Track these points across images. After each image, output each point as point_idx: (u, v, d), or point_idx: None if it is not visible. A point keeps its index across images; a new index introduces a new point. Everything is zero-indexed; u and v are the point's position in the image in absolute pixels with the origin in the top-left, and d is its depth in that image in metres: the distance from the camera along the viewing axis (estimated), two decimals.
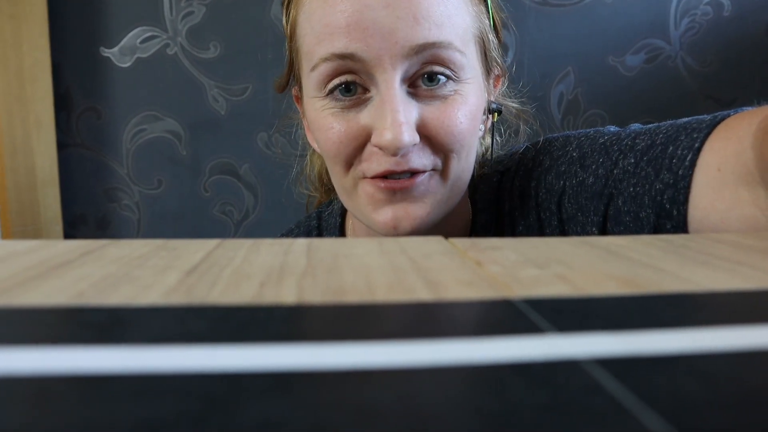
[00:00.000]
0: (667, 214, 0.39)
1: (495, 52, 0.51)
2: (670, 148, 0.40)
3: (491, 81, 0.51)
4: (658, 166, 0.40)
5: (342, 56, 0.41)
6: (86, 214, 1.64)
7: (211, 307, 0.14)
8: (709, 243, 0.24)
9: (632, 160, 0.42)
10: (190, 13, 1.56)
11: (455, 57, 0.43)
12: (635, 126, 0.47)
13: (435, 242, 0.22)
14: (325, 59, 0.42)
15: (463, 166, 0.46)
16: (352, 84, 0.42)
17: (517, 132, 0.58)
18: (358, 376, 0.10)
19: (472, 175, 0.54)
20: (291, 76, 0.52)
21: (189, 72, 1.58)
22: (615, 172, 0.43)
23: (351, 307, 0.14)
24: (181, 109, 1.59)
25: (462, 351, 0.11)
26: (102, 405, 0.09)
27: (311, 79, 0.44)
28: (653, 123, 0.47)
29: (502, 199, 0.52)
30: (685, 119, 0.42)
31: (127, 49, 1.57)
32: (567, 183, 0.46)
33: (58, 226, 1.59)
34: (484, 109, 0.49)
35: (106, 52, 1.59)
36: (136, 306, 0.14)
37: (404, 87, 0.42)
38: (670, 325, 0.13)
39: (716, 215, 0.36)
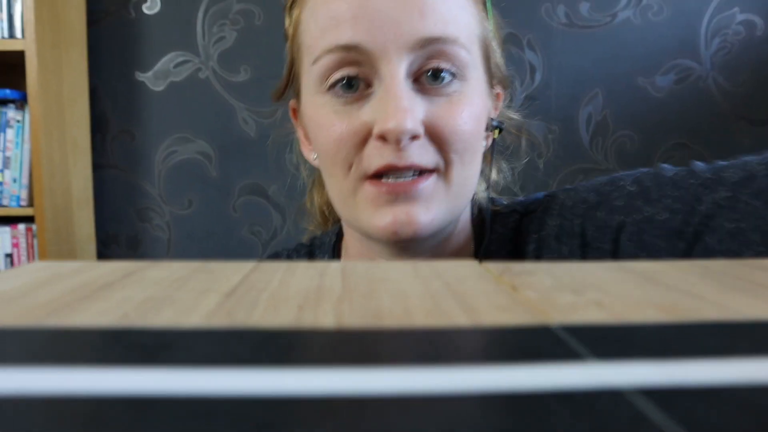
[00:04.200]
0: None
1: (499, 61, 0.49)
2: None
3: (493, 95, 0.49)
4: None
5: (346, 47, 0.41)
6: (118, 234, 1.68)
7: (253, 330, 0.15)
8: (748, 270, 0.24)
9: (727, 194, 0.38)
10: (222, 38, 1.61)
11: (461, 54, 0.42)
12: (699, 164, 0.43)
13: (469, 266, 0.22)
14: (329, 50, 0.41)
15: (467, 172, 0.44)
16: (354, 79, 0.41)
17: (517, 152, 0.55)
18: (402, 402, 0.10)
19: (478, 208, 0.51)
20: (289, 84, 0.51)
21: (220, 95, 1.62)
22: (701, 208, 0.39)
23: (390, 332, 0.14)
24: (212, 131, 1.63)
25: (504, 378, 0.11)
26: (152, 427, 0.10)
27: (312, 74, 0.43)
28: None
29: (523, 240, 0.48)
30: None
31: (161, 74, 1.62)
32: (628, 219, 0.42)
33: (92, 245, 1.63)
34: (486, 124, 0.47)
35: (141, 77, 1.64)
36: (180, 328, 0.15)
37: (409, 81, 0.41)
38: (713, 354, 0.13)
39: None
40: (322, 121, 0.43)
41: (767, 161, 0.38)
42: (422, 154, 0.41)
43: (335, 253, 0.54)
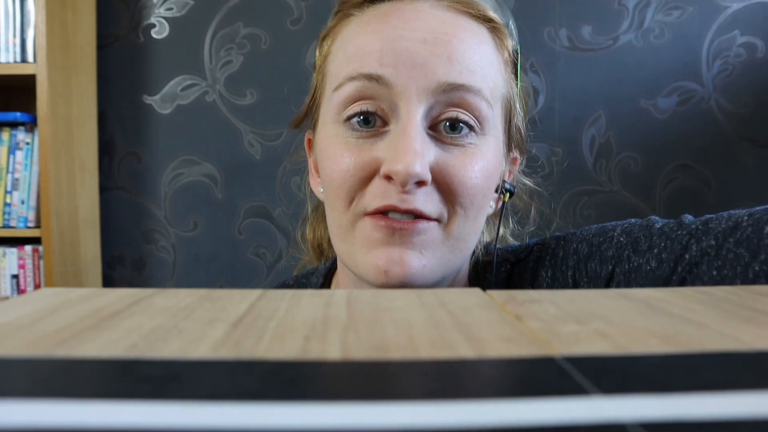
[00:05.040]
0: None
1: (520, 126, 0.49)
2: (767, 229, 0.37)
3: (510, 159, 0.49)
4: (754, 248, 0.37)
5: (369, 77, 0.40)
6: (124, 255, 1.69)
7: (260, 361, 0.15)
8: (751, 296, 0.24)
9: (712, 242, 0.39)
10: (229, 62, 1.63)
11: (482, 106, 0.42)
12: (688, 216, 0.44)
13: (473, 294, 0.23)
14: (352, 78, 0.41)
15: (469, 228, 0.43)
16: (371, 115, 0.41)
17: (527, 217, 0.54)
18: None
19: (478, 261, 0.50)
20: (308, 113, 0.50)
21: (226, 118, 1.63)
22: (687, 256, 0.40)
23: (395, 363, 0.14)
24: (218, 154, 1.64)
25: (509, 412, 0.11)
26: None
27: (332, 101, 0.43)
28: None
29: (514, 290, 0.48)
30: None
31: (168, 97, 1.64)
32: (617, 269, 0.43)
33: (97, 267, 1.64)
34: (498, 186, 0.46)
35: (149, 100, 1.66)
36: (188, 360, 0.15)
37: (425, 125, 0.41)
38: (717, 386, 0.13)
39: None
40: (333, 151, 0.43)
41: (752, 212, 0.39)
42: (426, 201, 0.40)
43: None
